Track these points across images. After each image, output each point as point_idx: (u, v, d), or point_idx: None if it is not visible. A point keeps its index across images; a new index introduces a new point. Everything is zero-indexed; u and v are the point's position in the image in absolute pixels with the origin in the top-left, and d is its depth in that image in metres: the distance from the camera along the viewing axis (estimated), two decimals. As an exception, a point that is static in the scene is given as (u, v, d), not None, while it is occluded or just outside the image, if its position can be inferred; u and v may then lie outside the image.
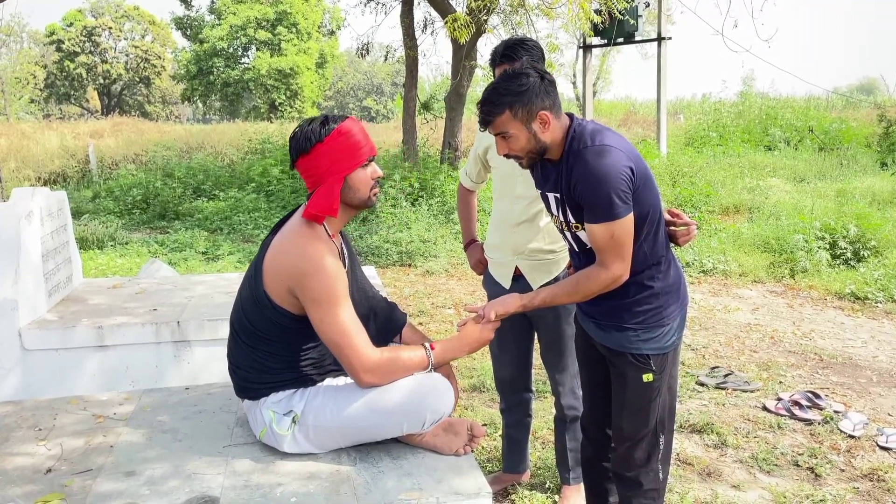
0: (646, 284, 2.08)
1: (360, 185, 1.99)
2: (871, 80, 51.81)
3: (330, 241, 1.98)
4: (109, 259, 7.64)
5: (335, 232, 2.03)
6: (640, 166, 1.98)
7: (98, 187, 12.74)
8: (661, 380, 2.15)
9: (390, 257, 7.79)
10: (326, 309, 1.89)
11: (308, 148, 1.94)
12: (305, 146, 1.94)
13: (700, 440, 3.57)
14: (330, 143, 1.93)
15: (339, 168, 1.94)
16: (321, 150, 1.93)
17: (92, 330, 3.26)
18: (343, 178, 1.95)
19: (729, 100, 20.83)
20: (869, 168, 12.31)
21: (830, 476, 3.21)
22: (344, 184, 1.96)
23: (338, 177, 1.94)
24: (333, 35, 35.15)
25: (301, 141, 1.95)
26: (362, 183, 1.99)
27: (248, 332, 2.02)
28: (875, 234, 7.13)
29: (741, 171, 11.68)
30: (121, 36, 38.60)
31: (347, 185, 1.97)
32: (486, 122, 2.01)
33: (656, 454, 2.22)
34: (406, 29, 11.45)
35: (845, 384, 4.29)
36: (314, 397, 2.02)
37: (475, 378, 4.28)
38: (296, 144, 1.97)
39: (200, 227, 9.79)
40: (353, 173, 1.96)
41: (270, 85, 31.73)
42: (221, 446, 2.10)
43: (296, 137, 1.97)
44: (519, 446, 3.09)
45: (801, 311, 5.89)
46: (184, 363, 3.41)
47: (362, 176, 1.98)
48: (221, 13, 32.35)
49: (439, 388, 2.00)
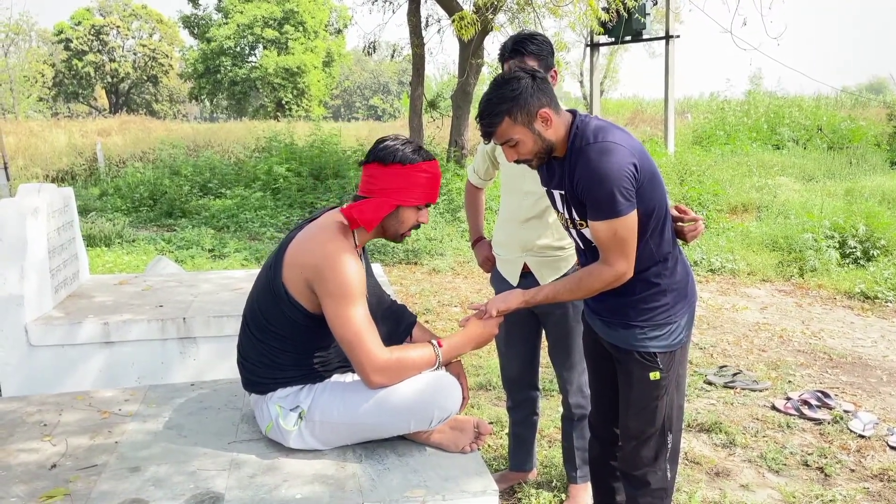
0: (652, 281, 2.06)
1: (405, 221, 2.04)
2: (881, 79, 51.52)
3: (354, 248, 1.99)
4: (116, 256, 7.65)
5: (360, 244, 2.05)
6: (645, 163, 1.95)
7: (106, 185, 12.77)
8: (668, 378, 2.12)
9: (396, 255, 7.78)
10: (341, 304, 1.89)
11: (388, 161, 1.98)
12: (387, 158, 1.98)
13: (708, 439, 3.54)
14: (408, 169, 1.98)
15: (399, 196, 1.99)
16: (396, 171, 1.98)
17: (98, 326, 3.26)
18: (396, 206, 2.00)
19: (736, 98, 20.73)
20: (878, 167, 12.22)
21: (840, 476, 3.18)
22: (393, 211, 2.00)
23: (392, 201, 1.99)
24: (340, 34, 35.16)
25: (388, 152, 1.99)
26: (408, 220, 2.04)
27: (260, 326, 2.02)
28: (885, 234, 7.07)
29: (749, 169, 11.61)
30: (129, 35, 38.72)
31: (395, 213, 2.02)
32: (489, 134, 1.99)
33: (664, 453, 2.20)
34: (413, 27, 11.44)
35: (855, 384, 4.25)
36: (321, 393, 2.02)
37: (482, 376, 4.26)
38: (380, 151, 2.00)
39: (207, 225, 9.79)
40: (407, 208, 2.02)
41: (277, 83, 31.78)
42: (226, 443, 2.09)
43: (385, 146, 2.00)
44: (525, 444, 3.07)
45: (810, 310, 5.85)
46: (189, 360, 3.40)
47: (411, 214, 2.04)
48: (229, 12, 32.41)
49: (447, 386, 2.00)
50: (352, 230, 2.00)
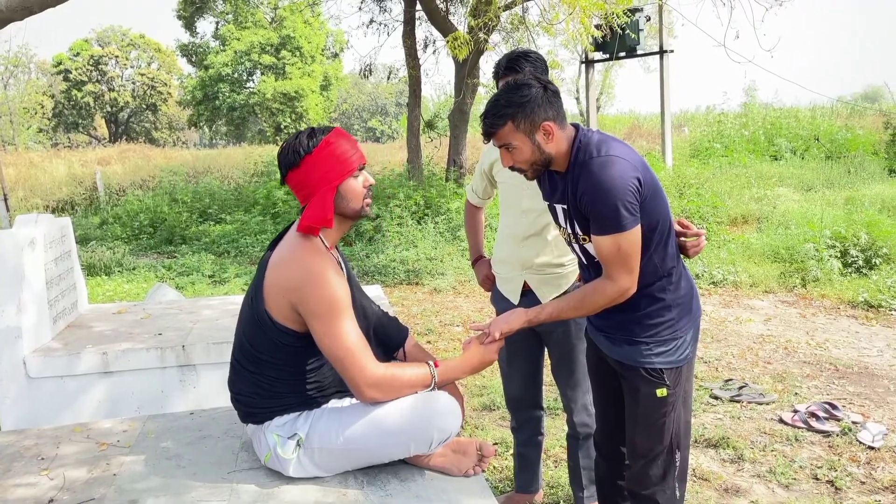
0: (657, 297, 2.04)
1: (353, 195, 1.96)
2: (876, 88, 51.67)
3: (328, 253, 1.95)
4: (117, 285, 7.64)
5: (332, 244, 2.00)
6: (648, 177, 1.94)
7: (106, 214, 12.80)
8: (675, 394, 2.09)
9: (397, 276, 7.76)
10: (329, 322, 1.85)
11: (297, 161, 1.92)
12: (294, 159, 1.92)
13: (716, 455, 3.49)
14: (318, 154, 1.91)
15: (330, 178, 1.92)
16: (310, 162, 1.91)
17: (97, 356, 3.23)
18: (335, 189, 1.93)
19: (732, 111, 20.78)
20: (877, 175, 12.22)
21: (851, 489, 3.13)
22: (336, 194, 1.94)
23: (330, 187, 1.92)
24: (337, 57, 35.41)
25: (289, 155, 1.93)
26: (355, 192, 1.96)
27: (251, 358, 1.99)
28: (886, 242, 7.04)
29: (748, 181, 11.61)
30: (127, 64, 38.99)
31: (340, 194, 1.95)
32: (489, 134, 1.99)
33: (672, 471, 2.16)
34: (408, 49, 11.52)
35: (862, 394, 4.21)
36: (319, 419, 1.98)
37: (485, 397, 4.22)
38: (284, 159, 1.94)
39: (207, 251, 9.79)
40: (345, 183, 1.94)
41: (276, 108, 31.94)
42: (226, 472, 2.06)
43: (283, 152, 1.95)
44: (531, 465, 3.03)
45: (814, 320, 5.81)
46: (189, 388, 3.37)
47: (354, 185, 1.96)
48: (226, 39, 32.66)
49: (446, 407, 1.96)
50: (317, 236, 1.95)
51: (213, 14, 34.05)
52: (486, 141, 2.03)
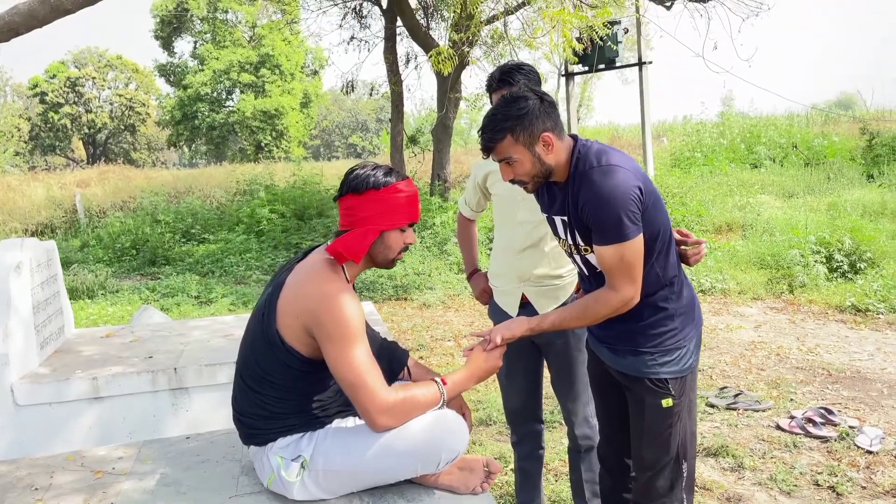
0: (660, 306, 2.02)
1: (392, 245, 1.98)
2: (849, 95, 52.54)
3: (348, 284, 1.94)
4: (100, 308, 7.52)
5: (351, 279, 2.00)
6: (648, 186, 1.93)
7: (86, 236, 12.63)
8: (680, 404, 2.08)
9: (385, 291, 7.71)
10: (343, 347, 1.82)
11: (362, 189, 1.93)
12: (360, 187, 1.93)
13: (716, 463, 3.48)
14: (383, 193, 1.93)
15: (381, 221, 1.94)
16: (372, 197, 1.93)
17: (86, 381, 3.16)
18: (380, 232, 1.95)
19: (710, 121, 21.02)
20: (856, 181, 12.39)
21: (852, 494, 3.13)
22: (378, 237, 1.95)
23: (375, 228, 1.94)
24: (317, 75, 35.44)
25: (359, 180, 1.94)
26: (395, 243, 1.98)
27: (256, 376, 1.95)
28: (870, 246, 7.12)
29: (730, 189, 11.72)
30: (104, 85, 38.73)
31: (381, 239, 1.96)
32: (489, 149, 1.97)
33: (680, 482, 2.14)
34: (390, 65, 11.54)
35: (857, 398, 4.22)
36: (323, 440, 1.94)
37: (482, 411, 4.18)
38: (352, 181, 1.95)
39: (192, 271, 9.68)
40: (391, 231, 1.96)
41: (256, 126, 31.86)
42: (227, 497, 2.01)
43: (356, 176, 1.96)
44: (532, 480, 2.99)
45: (803, 326, 5.84)
46: (182, 411, 3.30)
47: (397, 237, 1.98)
48: (204, 59, 32.59)
49: (453, 426, 1.93)
50: (341, 265, 1.95)
51: (190, 34, 34.00)
52: (486, 156, 2.01)
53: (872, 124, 15.95)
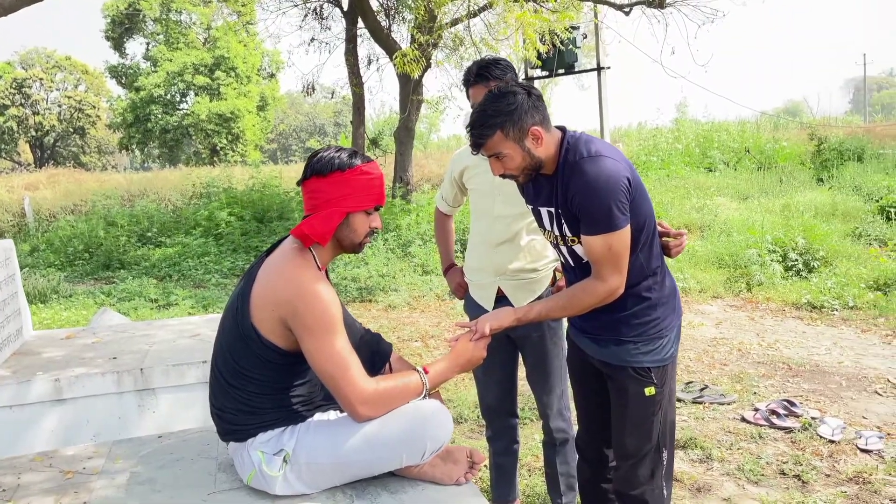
0: (643, 296, 2.05)
1: (358, 228, 1.94)
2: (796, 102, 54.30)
3: (320, 271, 1.90)
4: (54, 313, 7.29)
5: (323, 265, 1.95)
6: (635, 176, 1.95)
7: (36, 240, 12.22)
8: (662, 392, 2.10)
9: (350, 293, 7.65)
10: (321, 338, 1.79)
11: (326, 172, 1.89)
12: (324, 169, 1.89)
13: (685, 455, 3.53)
14: (348, 175, 1.89)
15: (346, 203, 1.90)
16: (336, 179, 1.89)
17: (48, 383, 3.05)
18: (345, 214, 1.90)
19: (665, 126, 21.43)
20: (807, 183, 12.75)
21: (817, 482, 3.21)
22: (344, 220, 1.91)
23: (341, 210, 1.89)
24: (273, 77, 35.04)
25: (323, 162, 1.90)
26: (361, 226, 1.95)
27: (234, 372, 1.90)
28: (823, 245, 7.35)
29: (687, 192, 11.96)
30: (52, 87, 37.66)
31: (347, 222, 1.92)
32: (479, 146, 1.96)
33: (660, 470, 2.16)
34: (351, 67, 11.47)
35: (817, 390, 4.34)
36: (305, 434, 1.91)
37: (454, 409, 4.16)
38: (315, 164, 1.91)
39: (148, 275, 9.46)
40: (356, 213, 1.92)
41: (211, 130, 31.34)
42: (205, 494, 1.96)
43: (319, 158, 1.91)
44: (508, 475, 3.00)
45: (762, 322, 5.98)
46: (148, 412, 3.22)
47: (363, 220, 1.95)
48: (157, 60, 31.94)
49: (437, 416, 1.91)
50: (308, 247, 1.90)
51: (143, 35, 33.28)
52: (476, 152, 2.00)
53: (819, 130, 16.47)
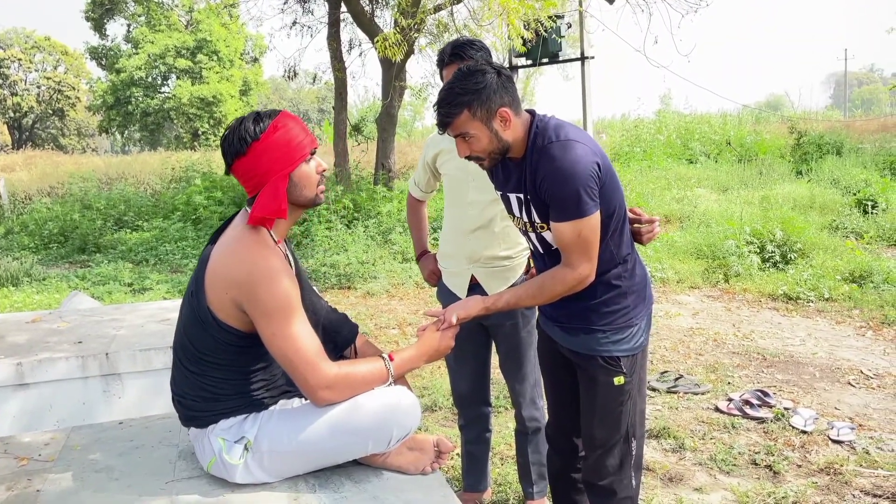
0: (613, 284, 2.01)
1: (307, 181, 1.84)
2: (777, 96, 54.67)
3: (276, 247, 1.82)
4: (26, 296, 7.17)
5: (281, 237, 1.87)
6: (606, 162, 1.91)
7: (10, 222, 12.03)
8: (631, 382, 2.07)
9: (329, 280, 7.59)
10: (278, 322, 1.73)
11: (244, 149, 1.78)
12: (241, 147, 1.78)
13: (658, 445, 3.53)
14: (267, 139, 1.77)
15: (282, 165, 1.78)
16: (259, 149, 1.77)
17: (10, 367, 2.97)
18: (288, 176, 1.80)
19: (648, 118, 21.48)
20: (786, 176, 12.83)
21: (789, 472, 3.21)
22: (289, 182, 1.81)
23: (281, 174, 1.79)
24: (257, 62, 34.66)
25: (235, 142, 1.78)
26: (308, 178, 1.84)
27: (193, 357, 1.84)
28: (800, 237, 7.38)
29: (668, 182, 11.99)
30: (31, 67, 37.03)
31: (293, 182, 1.81)
32: (445, 124, 1.91)
33: (629, 460, 2.14)
34: (333, 52, 11.34)
35: (790, 381, 4.36)
36: (268, 421, 1.86)
37: (428, 397, 4.14)
38: (229, 147, 1.80)
39: (124, 259, 9.34)
40: (298, 169, 1.81)
41: (193, 114, 30.96)
42: (164, 482, 1.91)
43: (228, 139, 1.80)
44: (479, 463, 2.98)
45: (738, 313, 6.00)
46: (114, 398, 3.15)
47: (307, 171, 1.84)
48: (139, 42, 31.46)
49: (404, 402, 1.87)
50: (269, 230, 1.82)
51: (124, 16, 32.73)
52: (442, 132, 1.94)
53: (800, 124, 16.59)
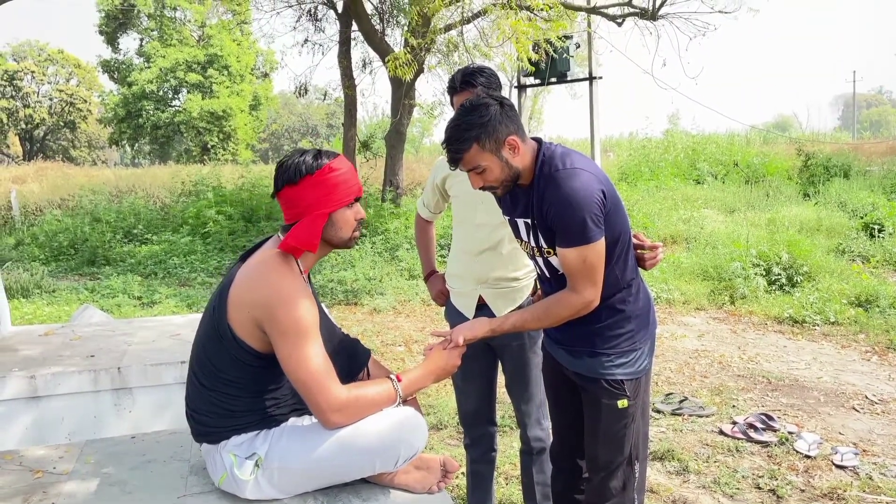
0: (617, 308, 2.05)
1: (344, 225, 1.93)
2: (785, 117, 54.77)
3: (300, 275, 1.90)
4: (36, 308, 7.23)
5: (307, 269, 1.95)
6: (610, 189, 1.96)
7: (21, 234, 12.15)
8: (635, 405, 2.11)
9: (336, 296, 7.64)
10: (295, 343, 1.78)
11: (297, 179, 1.87)
12: (294, 177, 1.87)
13: (662, 467, 3.54)
14: (319, 177, 1.87)
15: (325, 204, 1.89)
16: (309, 184, 1.87)
17: (23, 380, 3.02)
18: (327, 215, 1.89)
19: (656, 137, 21.55)
20: (793, 198, 12.86)
21: (792, 497, 3.22)
22: (328, 221, 1.90)
23: (322, 212, 1.88)
24: (267, 77, 34.93)
25: (291, 171, 1.88)
26: (346, 222, 1.93)
27: (209, 373, 1.89)
28: (806, 260, 7.40)
29: (674, 203, 12.02)
30: (44, 80, 37.39)
31: (331, 222, 1.91)
32: (456, 161, 1.96)
33: (632, 483, 2.17)
34: (344, 69, 11.47)
35: (795, 405, 4.37)
36: (279, 438, 1.90)
37: (434, 416, 4.17)
38: (284, 173, 1.89)
39: (133, 272, 9.41)
40: (338, 211, 1.91)
41: (203, 127, 31.20)
42: (176, 497, 1.95)
43: (285, 167, 1.90)
44: (485, 483, 2.99)
45: (744, 335, 6.02)
46: (125, 412, 3.19)
47: (347, 215, 1.93)
48: (150, 56, 31.78)
49: (412, 422, 1.91)
50: (297, 259, 1.91)
51: (136, 30, 33.11)
52: (454, 168, 2.00)
53: (807, 146, 16.63)
